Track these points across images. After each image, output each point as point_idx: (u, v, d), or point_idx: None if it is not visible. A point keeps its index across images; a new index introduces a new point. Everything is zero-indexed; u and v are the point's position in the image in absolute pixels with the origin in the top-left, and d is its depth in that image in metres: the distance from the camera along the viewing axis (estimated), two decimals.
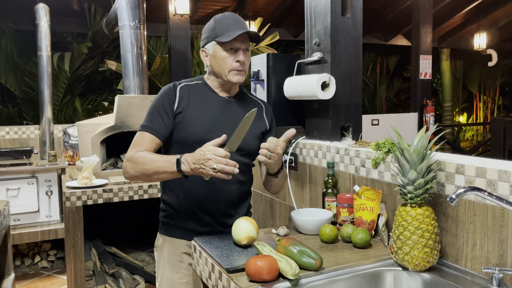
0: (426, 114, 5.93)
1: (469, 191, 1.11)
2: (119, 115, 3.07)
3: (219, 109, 1.62)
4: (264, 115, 1.74)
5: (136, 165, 1.50)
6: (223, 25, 1.56)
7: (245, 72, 1.60)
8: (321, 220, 1.62)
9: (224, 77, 1.60)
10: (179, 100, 1.59)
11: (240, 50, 1.57)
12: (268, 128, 1.74)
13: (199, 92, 1.65)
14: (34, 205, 3.46)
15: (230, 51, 1.56)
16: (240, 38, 1.55)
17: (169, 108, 1.57)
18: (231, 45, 1.56)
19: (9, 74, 5.54)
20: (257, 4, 6.29)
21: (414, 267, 1.26)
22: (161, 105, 1.58)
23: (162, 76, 5.85)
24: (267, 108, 1.77)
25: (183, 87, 1.64)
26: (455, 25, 7.90)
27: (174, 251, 1.68)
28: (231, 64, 1.57)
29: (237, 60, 1.56)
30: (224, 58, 1.57)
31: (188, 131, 1.56)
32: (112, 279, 3.15)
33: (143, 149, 1.53)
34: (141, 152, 1.52)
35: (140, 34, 3.43)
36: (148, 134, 1.55)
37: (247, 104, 1.70)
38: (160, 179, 1.53)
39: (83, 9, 5.53)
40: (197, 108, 1.60)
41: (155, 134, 1.55)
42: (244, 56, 1.57)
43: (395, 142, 1.34)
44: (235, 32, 1.52)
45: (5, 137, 4.40)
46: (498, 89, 9.72)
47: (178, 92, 1.61)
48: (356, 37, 1.97)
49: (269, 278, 1.19)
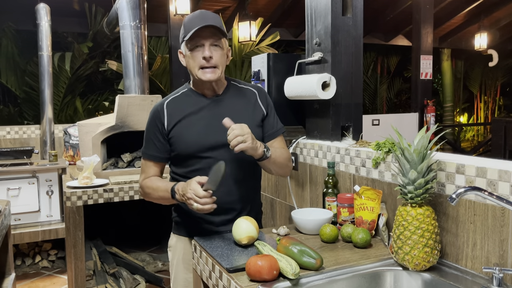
0: (427, 114, 5.92)
1: (469, 191, 1.11)
2: (119, 115, 3.07)
3: (209, 111, 1.61)
4: (259, 101, 1.69)
5: (144, 193, 1.68)
6: (189, 24, 1.52)
7: (217, 68, 1.54)
8: (321, 220, 1.62)
9: (196, 76, 1.57)
10: (168, 117, 1.60)
11: (205, 45, 1.52)
12: (265, 113, 1.68)
13: (187, 100, 1.64)
14: (35, 205, 3.46)
15: (196, 49, 1.53)
16: (204, 33, 1.50)
17: (159, 131, 1.61)
18: (196, 42, 1.52)
19: (10, 74, 5.54)
20: (257, 4, 6.30)
21: (414, 266, 1.26)
22: (151, 131, 1.64)
23: (163, 76, 5.86)
24: (260, 92, 1.71)
25: (170, 102, 1.64)
26: (456, 25, 7.89)
27: (188, 251, 1.68)
28: (199, 61, 1.53)
29: (203, 56, 1.52)
30: (192, 57, 1.55)
31: (185, 143, 1.59)
32: (113, 279, 3.16)
33: (149, 176, 1.66)
34: (146, 181, 1.65)
35: (141, 34, 3.43)
36: (149, 161, 1.66)
37: (238, 96, 1.67)
38: (165, 204, 1.66)
39: (83, 9, 5.54)
40: (188, 118, 1.60)
41: (154, 159, 1.65)
42: (210, 51, 1.51)
43: (396, 142, 1.34)
44: (198, 26, 1.48)
45: (6, 137, 4.41)
46: (499, 89, 9.71)
47: (166, 109, 1.61)
48: (356, 37, 1.97)
49: (269, 278, 1.19)
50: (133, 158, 3.26)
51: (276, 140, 1.68)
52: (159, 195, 1.59)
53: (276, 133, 1.69)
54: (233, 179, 1.61)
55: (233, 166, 1.59)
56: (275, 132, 1.69)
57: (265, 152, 1.51)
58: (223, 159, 1.57)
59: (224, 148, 1.55)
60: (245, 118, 1.60)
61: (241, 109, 1.64)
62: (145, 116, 3.24)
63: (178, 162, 1.65)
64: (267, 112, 1.69)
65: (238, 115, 1.58)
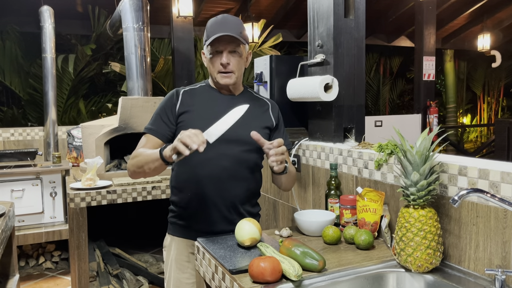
0: (430, 115, 5.91)
1: (471, 192, 1.11)
2: (123, 116, 3.08)
3: (223, 106, 1.63)
4: (270, 112, 1.75)
5: (132, 160, 1.59)
6: (211, 28, 1.59)
7: (234, 73, 1.62)
8: (324, 222, 1.62)
9: (214, 79, 1.65)
10: (181, 102, 1.64)
11: (224, 52, 1.58)
12: (274, 125, 1.74)
13: (203, 93, 1.69)
14: (39, 207, 3.48)
15: (215, 54, 1.60)
16: (223, 40, 1.56)
17: (171, 111, 1.63)
18: (216, 48, 1.59)
19: (13, 76, 5.56)
20: (260, 6, 6.30)
21: (417, 268, 1.26)
22: (163, 109, 1.65)
23: (166, 77, 5.87)
24: (273, 106, 1.78)
25: (187, 91, 1.69)
26: (458, 26, 7.87)
27: (181, 251, 1.70)
28: (217, 66, 1.61)
29: (220, 62, 1.59)
30: (211, 62, 1.63)
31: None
32: (116, 280, 3.16)
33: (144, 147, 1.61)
34: (138, 149, 1.61)
35: (144, 36, 3.44)
36: (150, 135, 1.63)
37: (252, 101, 1.70)
38: (150, 169, 1.53)
39: (87, 11, 5.55)
40: (200, 108, 1.64)
41: (156, 135, 1.62)
42: (227, 58, 1.59)
43: (398, 143, 1.34)
44: (216, 35, 1.55)
45: (10, 138, 4.42)
46: (502, 90, 9.68)
47: (181, 95, 1.67)
48: (359, 39, 1.98)
49: (272, 279, 1.19)
50: None
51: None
52: (147, 155, 1.50)
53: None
54: (231, 178, 1.62)
55: (234, 164, 1.61)
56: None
57: (286, 167, 1.56)
58: (226, 155, 1.60)
59: (230, 144, 1.58)
60: (253, 118, 1.66)
61: (252, 111, 1.66)
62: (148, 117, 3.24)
63: None
64: (277, 126, 1.75)
65: (247, 115, 1.61)
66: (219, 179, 1.60)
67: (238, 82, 1.69)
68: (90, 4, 5.47)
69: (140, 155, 1.56)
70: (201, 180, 1.61)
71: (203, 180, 1.61)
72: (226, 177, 1.61)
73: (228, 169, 1.61)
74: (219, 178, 1.60)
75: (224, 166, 1.61)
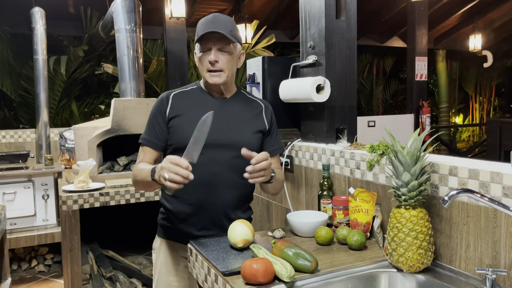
0: (422, 115, 5.95)
1: (461, 193, 1.11)
2: (115, 118, 3.07)
3: (214, 110, 1.62)
4: (263, 115, 1.71)
5: (133, 176, 1.61)
6: (201, 26, 1.55)
7: (223, 72, 1.57)
8: (316, 222, 1.62)
9: (204, 78, 1.62)
10: (171, 107, 1.62)
11: (213, 49, 1.54)
12: (267, 128, 1.70)
13: (194, 96, 1.66)
14: (31, 209, 3.45)
15: (205, 52, 1.57)
16: (212, 37, 1.53)
17: (161, 117, 1.61)
18: (205, 45, 1.55)
19: (5, 78, 5.52)
20: (253, 7, 6.31)
21: (408, 268, 1.27)
22: (154, 116, 1.63)
23: (159, 79, 5.85)
24: (267, 108, 1.74)
25: (177, 94, 1.66)
26: (450, 27, 7.93)
27: (171, 254, 1.69)
28: (206, 64, 1.57)
29: (208, 60, 1.55)
30: (200, 60, 1.59)
31: (181, 135, 1.57)
32: (109, 283, 3.15)
33: (143, 162, 1.61)
34: (139, 164, 1.60)
35: (136, 37, 3.43)
36: (146, 147, 1.63)
37: (245, 103, 1.69)
38: (147, 187, 1.56)
39: (79, 13, 5.53)
40: (191, 112, 1.60)
41: (151, 146, 1.62)
42: (216, 56, 1.54)
43: (389, 144, 1.35)
44: (204, 32, 1.52)
45: (1, 141, 4.39)
46: (493, 90, 9.76)
47: (171, 99, 1.63)
48: (350, 40, 1.99)
49: (264, 281, 1.19)
50: (129, 161, 3.26)
51: (273, 158, 1.68)
52: (143, 175, 1.51)
53: (274, 152, 1.71)
54: (220, 184, 1.59)
55: (225, 170, 1.59)
56: (273, 150, 1.70)
57: (272, 177, 1.55)
58: (218, 161, 1.58)
59: (221, 149, 1.57)
60: (245, 122, 1.63)
61: (244, 115, 1.65)
62: (141, 119, 3.26)
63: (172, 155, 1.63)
64: (270, 129, 1.72)
65: (239, 119, 1.61)
66: (210, 185, 1.57)
67: (229, 82, 1.64)
68: (82, 5, 5.44)
69: (137, 174, 1.56)
70: (192, 185, 1.57)
71: (194, 186, 1.55)
72: (217, 183, 1.58)
73: (219, 175, 1.58)
74: (210, 184, 1.57)
75: (215, 172, 1.58)
